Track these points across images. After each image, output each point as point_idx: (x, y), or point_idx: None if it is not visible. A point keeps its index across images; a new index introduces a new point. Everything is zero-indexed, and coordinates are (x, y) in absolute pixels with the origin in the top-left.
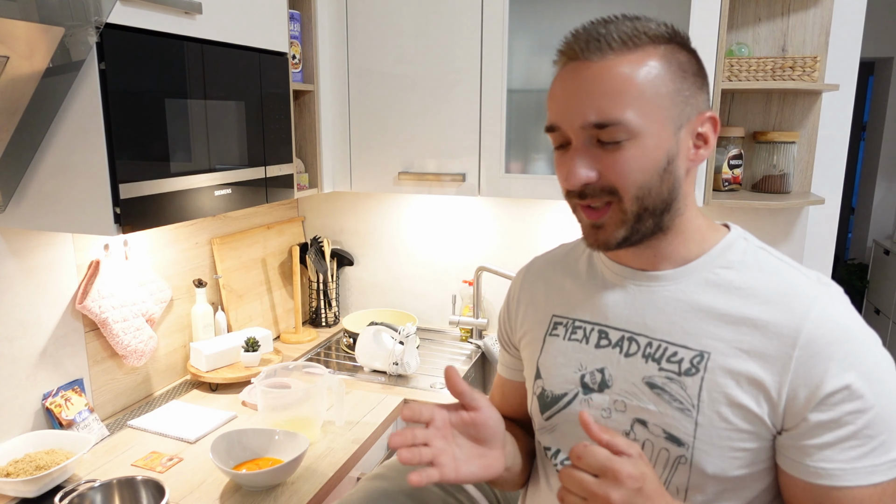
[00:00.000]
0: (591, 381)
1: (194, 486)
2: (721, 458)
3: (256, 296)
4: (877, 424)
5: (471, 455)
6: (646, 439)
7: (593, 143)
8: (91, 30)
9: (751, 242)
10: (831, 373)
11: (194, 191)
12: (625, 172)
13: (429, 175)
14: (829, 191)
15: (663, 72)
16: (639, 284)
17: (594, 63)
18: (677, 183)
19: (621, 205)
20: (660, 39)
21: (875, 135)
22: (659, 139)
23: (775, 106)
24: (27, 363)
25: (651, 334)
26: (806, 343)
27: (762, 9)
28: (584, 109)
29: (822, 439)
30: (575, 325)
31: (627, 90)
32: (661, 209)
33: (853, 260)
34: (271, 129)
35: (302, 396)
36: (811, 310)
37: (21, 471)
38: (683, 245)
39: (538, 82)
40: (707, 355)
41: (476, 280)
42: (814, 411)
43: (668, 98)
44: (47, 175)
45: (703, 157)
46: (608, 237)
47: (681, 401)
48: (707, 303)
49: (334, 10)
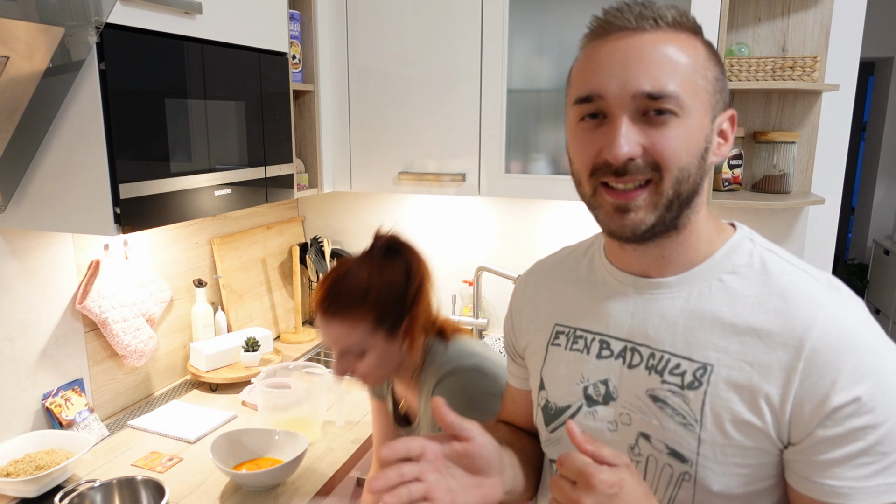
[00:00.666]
0: (594, 392)
1: (194, 486)
2: (726, 476)
3: (256, 296)
4: (890, 441)
5: (467, 485)
6: (649, 454)
7: (638, 116)
8: (91, 30)
9: (757, 244)
10: (839, 385)
11: (194, 191)
12: (672, 150)
13: (429, 175)
14: (829, 191)
15: (708, 58)
16: (641, 292)
17: (647, 34)
18: (706, 175)
19: (660, 186)
20: (699, 31)
21: (875, 135)
22: (701, 122)
23: (775, 106)
24: (27, 363)
25: (653, 345)
26: (811, 353)
27: (762, 9)
28: (639, 77)
29: (830, 455)
30: (576, 335)
31: (680, 65)
32: (689, 200)
33: (853, 260)
34: (271, 129)
35: (302, 396)
36: (818, 317)
37: (21, 471)
38: (692, 247)
39: (538, 82)
40: (710, 368)
41: (476, 280)
42: (820, 426)
43: (711, 84)
44: (47, 175)
45: (723, 155)
46: (638, 222)
47: (683, 415)
48: (711, 312)
49: (334, 10)
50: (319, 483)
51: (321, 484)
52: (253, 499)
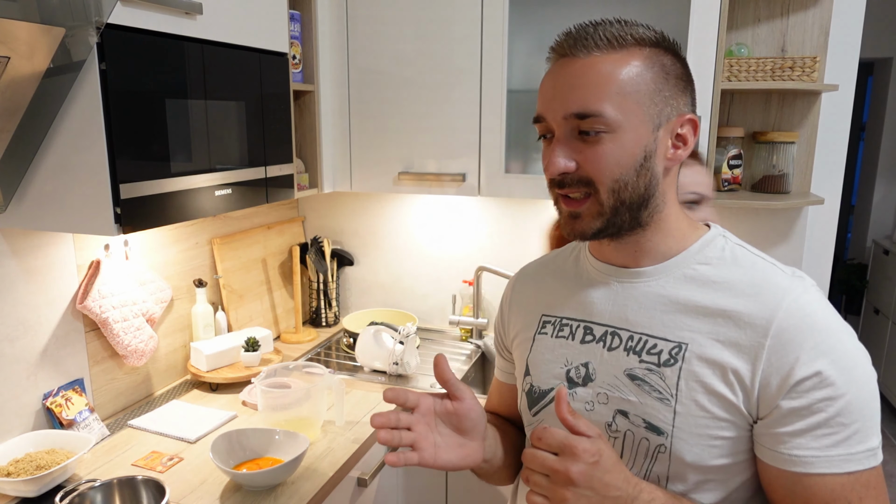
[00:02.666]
0: (575, 375)
1: (194, 486)
2: (699, 447)
3: (256, 296)
4: (849, 412)
5: (451, 444)
6: (627, 430)
7: (574, 135)
8: (92, 30)
9: (729, 240)
10: (802, 360)
11: (194, 191)
12: (601, 165)
13: (429, 175)
14: (828, 191)
15: (644, 71)
16: (621, 281)
17: (580, 59)
18: (654, 180)
19: (598, 197)
20: (645, 42)
21: (874, 135)
22: (637, 135)
23: (775, 106)
24: (28, 363)
25: (632, 328)
26: (777, 332)
27: (762, 9)
28: (567, 100)
29: (794, 426)
30: (562, 323)
31: (608, 85)
32: (638, 204)
33: (853, 260)
34: (271, 130)
35: (302, 396)
36: (783, 300)
37: (21, 470)
38: (663, 241)
39: (538, 82)
40: (685, 346)
41: (476, 280)
42: (785, 398)
43: (648, 97)
44: (48, 175)
45: (680, 158)
46: (584, 227)
47: (660, 391)
48: (685, 297)
49: (334, 10)
50: (319, 483)
51: (321, 484)
52: (253, 499)
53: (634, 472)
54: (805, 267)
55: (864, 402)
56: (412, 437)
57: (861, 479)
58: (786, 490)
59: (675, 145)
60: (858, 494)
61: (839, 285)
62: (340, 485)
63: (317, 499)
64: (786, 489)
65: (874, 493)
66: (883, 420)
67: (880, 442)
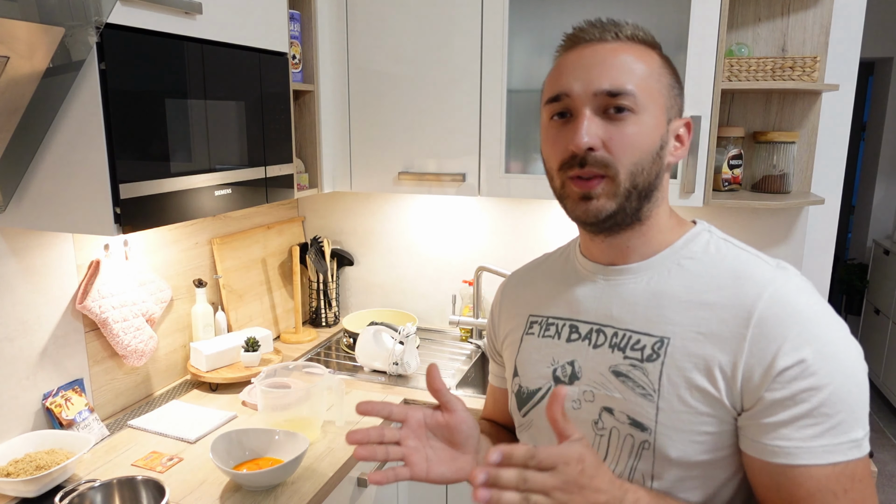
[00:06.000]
0: (562, 374)
1: (194, 486)
2: (683, 443)
3: (256, 296)
4: (833, 403)
5: (443, 457)
6: (612, 427)
7: (600, 113)
8: (91, 30)
9: (714, 234)
10: (784, 350)
11: (194, 191)
12: (626, 145)
13: (429, 175)
14: (828, 191)
15: (662, 67)
16: (607, 278)
17: (608, 43)
18: (661, 172)
19: (616, 178)
20: (655, 45)
21: (875, 135)
22: (656, 122)
23: (775, 106)
24: (27, 363)
25: (616, 324)
26: (759, 321)
27: (762, 9)
28: (600, 77)
29: (778, 417)
30: (549, 322)
31: (636, 69)
32: (647, 192)
33: (853, 260)
34: (271, 129)
35: (302, 396)
36: (765, 290)
37: (21, 471)
38: (654, 238)
39: (538, 82)
40: (667, 340)
41: (476, 280)
42: (769, 389)
43: (666, 89)
44: (47, 175)
45: (679, 157)
46: (600, 208)
47: (643, 386)
48: (668, 291)
49: (334, 10)
50: (319, 483)
51: (321, 484)
52: (253, 499)
53: (619, 470)
54: (805, 267)
55: (849, 392)
56: (401, 452)
57: (847, 470)
58: (771, 482)
59: (675, 145)
60: (843, 486)
61: (839, 285)
62: (340, 485)
63: (317, 499)
64: (771, 482)
65: (860, 486)
66: (883, 420)
67: (867, 433)
